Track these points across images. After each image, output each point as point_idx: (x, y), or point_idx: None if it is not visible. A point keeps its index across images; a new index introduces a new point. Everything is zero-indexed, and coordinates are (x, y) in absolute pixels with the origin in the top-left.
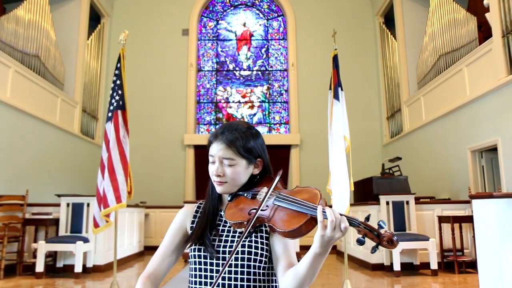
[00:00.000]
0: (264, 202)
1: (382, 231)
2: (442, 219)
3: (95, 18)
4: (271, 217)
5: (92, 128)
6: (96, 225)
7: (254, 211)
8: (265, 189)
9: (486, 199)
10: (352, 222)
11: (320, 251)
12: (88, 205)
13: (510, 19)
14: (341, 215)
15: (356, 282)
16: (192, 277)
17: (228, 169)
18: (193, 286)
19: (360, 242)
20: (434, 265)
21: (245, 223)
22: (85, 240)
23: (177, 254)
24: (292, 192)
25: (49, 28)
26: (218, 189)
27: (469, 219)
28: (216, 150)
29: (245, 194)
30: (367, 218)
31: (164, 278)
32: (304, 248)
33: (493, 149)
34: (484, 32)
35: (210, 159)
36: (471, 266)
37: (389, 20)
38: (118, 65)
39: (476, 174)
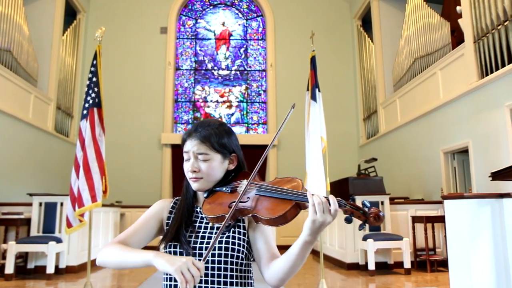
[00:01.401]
0: (245, 192)
1: (367, 209)
2: (415, 219)
3: (70, 14)
4: (254, 207)
5: (66, 126)
6: (69, 225)
7: (235, 203)
8: (245, 182)
9: (457, 199)
10: (339, 203)
11: (310, 238)
12: (61, 204)
13: (481, 26)
14: (327, 199)
15: (332, 281)
16: (166, 274)
17: (203, 164)
18: (167, 283)
19: (348, 220)
20: (407, 264)
21: (226, 216)
22: (58, 241)
23: (147, 236)
24: (273, 183)
25: (22, 22)
26: (194, 185)
27: (441, 219)
28: (191, 146)
29: (224, 189)
30: (353, 199)
31: (141, 279)
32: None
33: (465, 151)
34: (457, 37)
35: (185, 156)
36: (443, 264)
37: (366, 23)
38: (94, 62)
39: (449, 175)
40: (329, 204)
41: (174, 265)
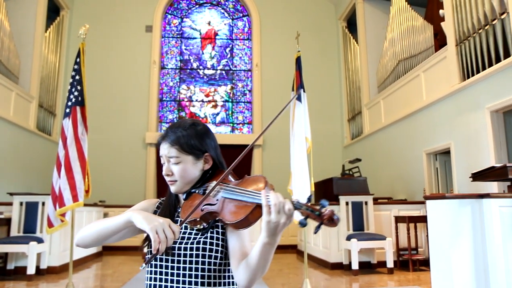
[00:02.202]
0: (210, 195)
1: (323, 209)
2: (398, 219)
3: (53, 10)
4: (221, 210)
5: (49, 124)
6: (50, 224)
7: (206, 206)
8: (213, 183)
9: (438, 200)
10: (294, 204)
11: (268, 240)
12: (43, 204)
13: (463, 29)
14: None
15: (316, 281)
16: (148, 274)
17: (175, 167)
18: (149, 282)
19: (302, 224)
20: (390, 264)
21: (197, 219)
22: (39, 241)
23: (124, 232)
24: (240, 183)
25: (3, 18)
26: (172, 188)
27: (424, 219)
28: (163, 150)
29: (197, 191)
30: (309, 199)
31: (124, 280)
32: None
33: (447, 152)
34: (440, 40)
35: (161, 160)
36: (425, 264)
37: (351, 24)
38: (78, 59)
39: (431, 176)
40: (284, 205)
41: (150, 224)
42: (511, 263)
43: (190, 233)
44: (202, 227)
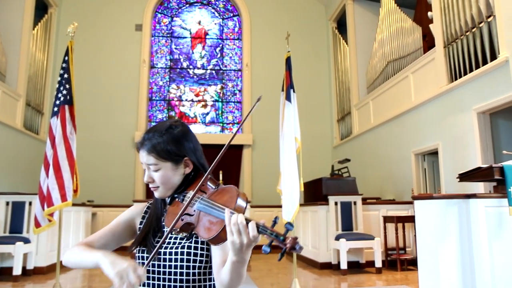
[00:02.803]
0: (187, 208)
1: (288, 235)
2: (386, 219)
3: (41, 7)
4: (197, 223)
5: (36, 123)
6: (37, 224)
7: (186, 216)
8: (191, 193)
9: (426, 200)
10: (259, 228)
11: (236, 258)
12: (30, 203)
13: (451, 31)
14: (249, 220)
15: (305, 280)
16: None
17: (155, 174)
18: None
19: (265, 251)
20: (378, 263)
21: (178, 230)
22: (26, 241)
23: (115, 241)
24: (215, 194)
25: None
26: (155, 194)
27: (412, 219)
28: (141, 157)
29: (178, 199)
30: (274, 222)
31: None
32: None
33: (435, 153)
34: (428, 42)
35: (142, 166)
36: (413, 263)
37: (341, 25)
38: (66, 58)
39: (419, 176)
40: (248, 228)
41: (114, 269)
42: (497, 262)
43: (176, 238)
44: (184, 235)
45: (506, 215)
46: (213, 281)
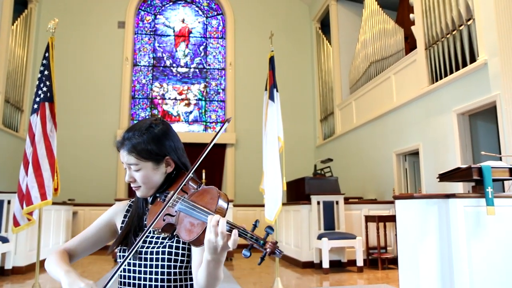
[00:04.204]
0: (170, 205)
1: (268, 239)
2: (368, 219)
3: (21, 2)
4: (178, 224)
5: (16, 120)
6: (16, 223)
7: (167, 216)
8: (171, 193)
9: (407, 199)
10: (240, 231)
11: (211, 257)
12: (9, 202)
13: (432, 34)
14: (231, 225)
15: (287, 279)
16: (119, 278)
17: (136, 174)
18: (120, 286)
19: (245, 256)
20: (360, 262)
21: (159, 230)
22: (4, 240)
23: (97, 243)
24: (196, 195)
25: None
26: (137, 193)
27: (393, 218)
28: (122, 157)
29: (159, 198)
30: (254, 225)
31: (93, 279)
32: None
33: (416, 153)
34: (410, 44)
35: (123, 165)
36: (393, 262)
37: (325, 26)
38: (47, 54)
39: (400, 176)
40: (226, 229)
41: None
42: (475, 260)
43: (158, 238)
44: (166, 235)
45: (484, 214)
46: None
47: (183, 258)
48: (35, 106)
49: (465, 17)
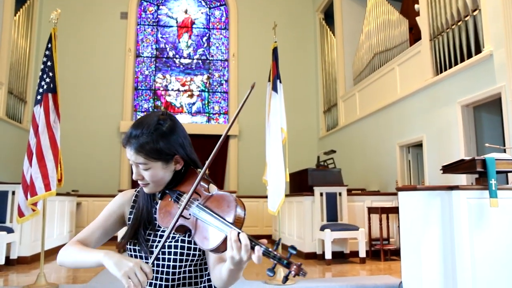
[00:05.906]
0: (183, 211)
1: (291, 259)
2: (371, 210)
3: None
4: (193, 229)
5: (19, 112)
6: (21, 214)
7: (180, 218)
8: (185, 196)
9: (410, 191)
10: (263, 251)
11: (234, 268)
12: (13, 193)
13: (437, 24)
14: (252, 241)
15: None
16: None
17: (145, 173)
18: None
19: (269, 275)
20: (362, 253)
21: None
22: (9, 231)
23: (107, 233)
24: (212, 200)
25: None
26: (145, 190)
27: (396, 210)
28: (129, 155)
29: (170, 199)
30: (277, 243)
31: (97, 269)
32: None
33: (419, 145)
34: (415, 35)
35: (130, 162)
36: (396, 253)
37: (328, 17)
38: (49, 45)
39: (403, 168)
40: (251, 248)
41: (121, 270)
42: (477, 252)
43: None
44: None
45: (487, 206)
46: (207, 276)
47: (195, 252)
48: (38, 97)
49: (471, 7)
